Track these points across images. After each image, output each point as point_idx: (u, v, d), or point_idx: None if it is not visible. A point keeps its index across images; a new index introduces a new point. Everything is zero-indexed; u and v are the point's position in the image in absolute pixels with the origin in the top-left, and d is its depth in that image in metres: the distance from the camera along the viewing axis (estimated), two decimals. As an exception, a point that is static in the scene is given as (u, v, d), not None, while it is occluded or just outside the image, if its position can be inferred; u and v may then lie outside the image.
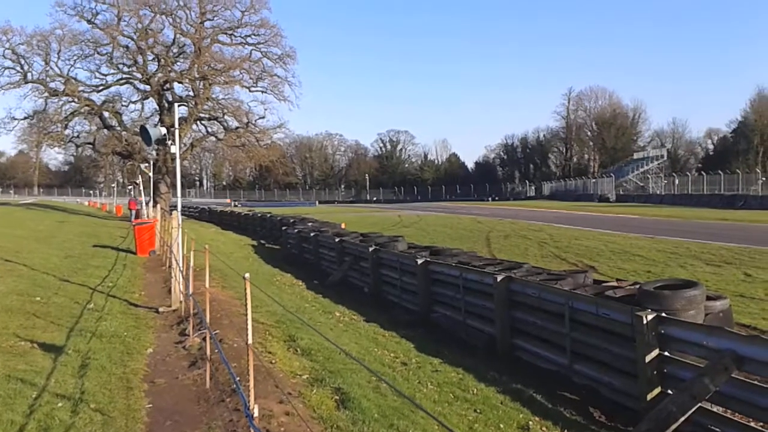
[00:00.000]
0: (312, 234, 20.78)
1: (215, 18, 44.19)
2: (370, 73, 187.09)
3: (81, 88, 42.51)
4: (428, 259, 12.21)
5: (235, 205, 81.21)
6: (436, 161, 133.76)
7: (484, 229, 29.81)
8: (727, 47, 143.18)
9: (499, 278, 9.15)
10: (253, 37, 45.08)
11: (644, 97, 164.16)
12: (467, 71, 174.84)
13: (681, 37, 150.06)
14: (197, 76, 42.79)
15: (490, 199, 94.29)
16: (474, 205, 68.02)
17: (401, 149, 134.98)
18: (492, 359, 8.85)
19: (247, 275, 3.98)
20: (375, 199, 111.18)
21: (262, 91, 45.71)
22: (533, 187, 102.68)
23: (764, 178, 56.46)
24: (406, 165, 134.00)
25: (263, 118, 46.57)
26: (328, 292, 15.20)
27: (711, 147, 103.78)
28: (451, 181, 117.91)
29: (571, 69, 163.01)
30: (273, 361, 7.43)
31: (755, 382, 5.48)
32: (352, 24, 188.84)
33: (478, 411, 6.59)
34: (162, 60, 42.61)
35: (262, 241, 29.03)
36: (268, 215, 34.13)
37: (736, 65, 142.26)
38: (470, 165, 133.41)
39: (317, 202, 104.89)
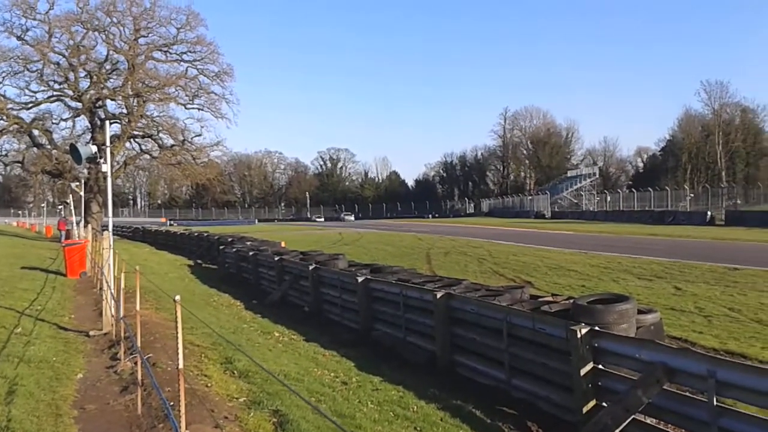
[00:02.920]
0: (251, 253, 20.45)
1: (150, 35, 43.50)
2: (309, 90, 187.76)
3: (9, 106, 40.96)
4: (369, 277, 12.17)
5: (171, 224, 79.35)
6: (376, 179, 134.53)
7: (425, 246, 30.01)
8: (655, 68, 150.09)
9: (438, 295, 9.19)
10: (188, 54, 44.57)
11: (577, 117, 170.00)
12: (407, 90, 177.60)
13: (611, 58, 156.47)
14: (131, 93, 41.91)
15: (430, 216, 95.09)
16: (414, 223, 68.52)
17: (342, 167, 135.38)
18: (432, 376, 8.85)
19: (177, 297, 3.86)
20: (315, 217, 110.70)
21: (199, 109, 45.22)
22: (472, 205, 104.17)
23: (692, 195, 59.00)
24: (347, 183, 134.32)
25: (200, 135, 46.10)
26: (267, 311, 14.94)
27: (641, 165, 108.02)
28: (391, 198, 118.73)
29: (507, 89, 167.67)
30: (209, 385, 7.23)
31: (686, 394, 5.63)
32: (290, 41, 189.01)
33: (418, 429, 6.56)
34: (94, 77, 41.56)
35: (199, 261, 28.37)
36: (206, 234, 33.46)
37: (664, 86, 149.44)
38: (410, 183, 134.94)
39: (257, 220, 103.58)
